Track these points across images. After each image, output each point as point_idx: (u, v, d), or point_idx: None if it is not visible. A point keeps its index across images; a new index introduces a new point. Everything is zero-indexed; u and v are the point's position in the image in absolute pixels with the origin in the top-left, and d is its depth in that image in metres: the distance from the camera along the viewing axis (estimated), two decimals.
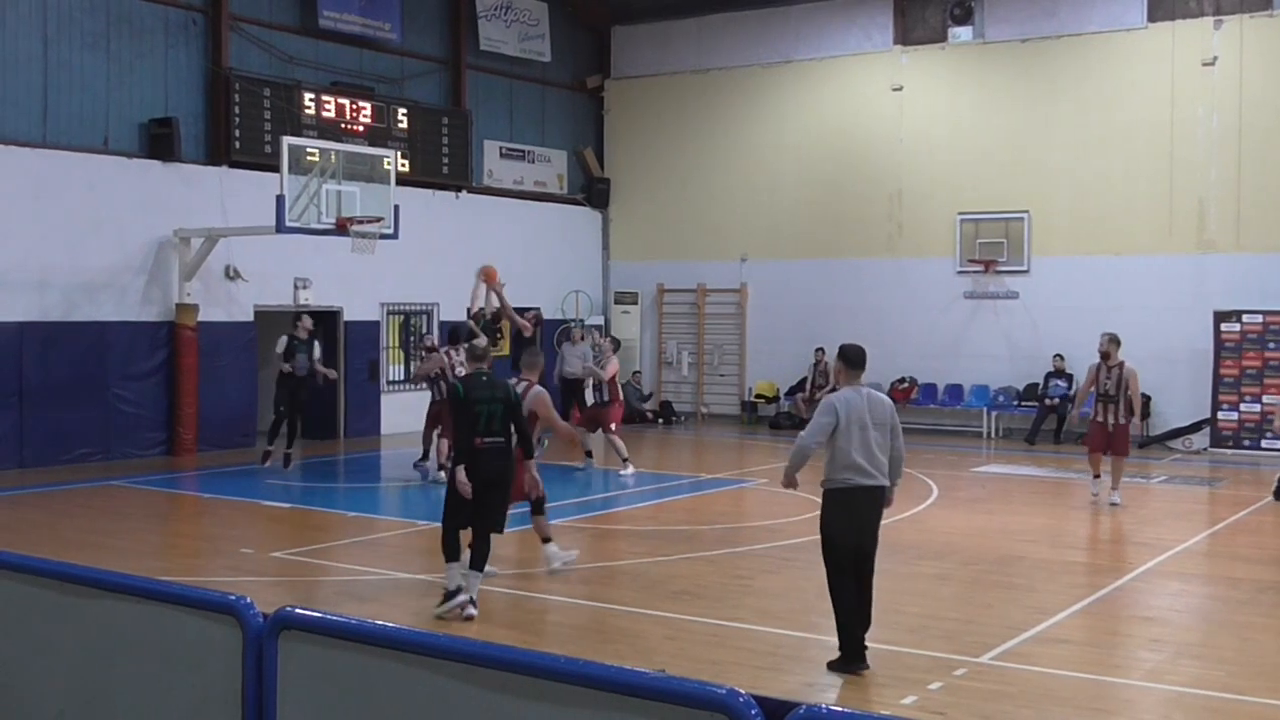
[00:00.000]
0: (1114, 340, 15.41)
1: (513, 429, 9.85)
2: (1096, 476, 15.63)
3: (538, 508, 11.14)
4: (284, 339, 17.57)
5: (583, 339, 20.23)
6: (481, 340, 10.41)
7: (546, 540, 11.25)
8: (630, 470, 17.59)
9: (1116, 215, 22.47)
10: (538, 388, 11.01)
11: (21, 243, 17.84)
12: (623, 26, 27.70)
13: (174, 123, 19.54)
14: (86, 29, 18.82)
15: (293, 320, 18.08)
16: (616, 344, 19.43)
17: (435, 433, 17.25)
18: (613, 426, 17.95)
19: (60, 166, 18.32)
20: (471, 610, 9.52)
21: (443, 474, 16.68)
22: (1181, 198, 21.94)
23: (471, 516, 9.71)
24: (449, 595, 9.54)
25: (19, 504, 14.98)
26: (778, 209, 25.78)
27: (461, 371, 16.80)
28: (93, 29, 18.90)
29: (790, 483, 8.88)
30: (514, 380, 11.06)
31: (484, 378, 9.89)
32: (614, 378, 18.27)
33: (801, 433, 8.66)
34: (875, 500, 8.50)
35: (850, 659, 8.29)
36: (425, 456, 17.42)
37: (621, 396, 18.71)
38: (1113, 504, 15.14)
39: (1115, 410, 15.17)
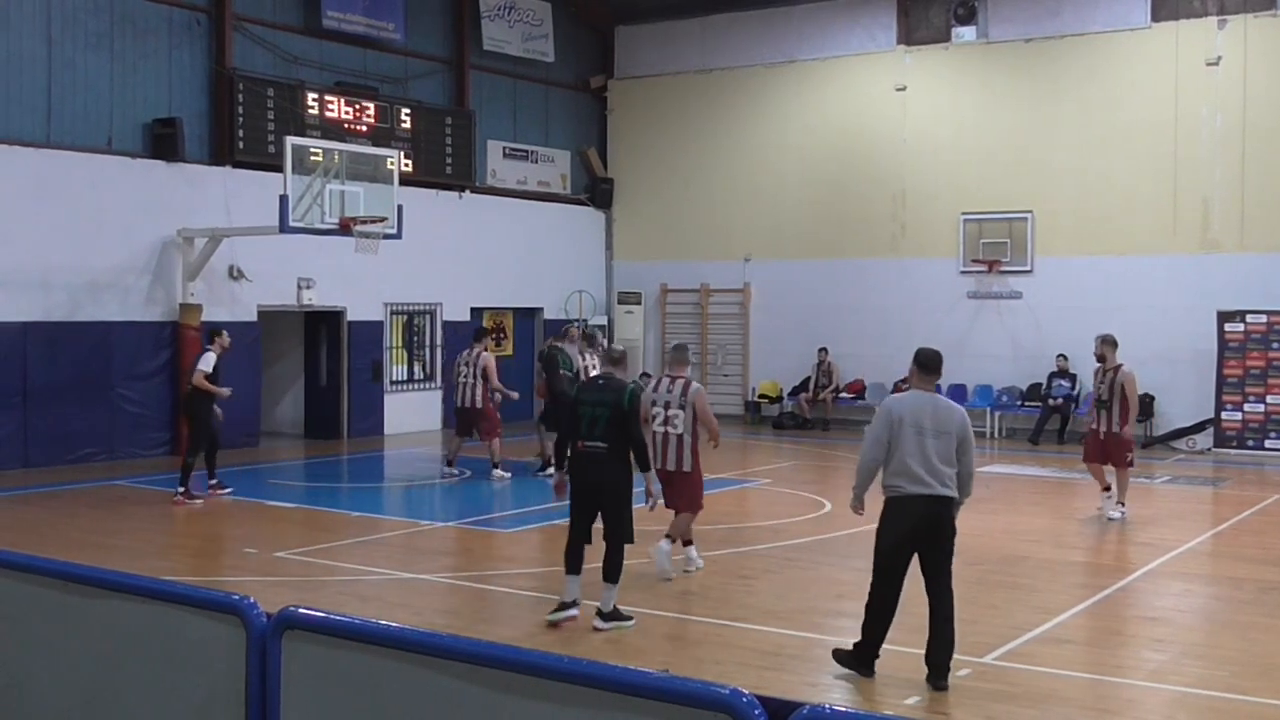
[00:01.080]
0: (1107, 342, 14.57)
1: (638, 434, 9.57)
2: (1105, 490, 14.50)
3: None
4: (212, 356, 15.23)
5: (581, 337, 20.16)
6: (619, 345, 10.38)
7: (688, 543, 11.30)
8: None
9: (1120, 215, 22.46)
10: (696, 384, 11.13)
11: (25, 243, 17.86)
12: (626, 26, 27.70)
13: (177, 123, 19.56)
14: (90, 29, 18.84)
15: (209, 335, 15.88)
16: (590, 339, 19.02)
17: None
18: None
19: (64, 166, 18.33)
20: (599, 623, 9.30)
21: (454, 470, 16.98)
22: (1185, 198, 21.92)
23: (587, 524, 9.51)
24: (563, 605, 9.41)
25: (23, 504, 14.99)
26: (781, 209, 25.78)
27: (465, 371, 17.18)
28: (96, 29, 18.92)
29: (858, 506, 8.36)
30: (666, 378, 11.19)
31: (600, 381, 9.76)
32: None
33: (861, 449, 8.22)
34: (933, 511, 7.90)
35: (859, 659, 8.10)
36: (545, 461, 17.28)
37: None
38: (1109, 518, 14.21)
39: (1109, 417, 14.34)
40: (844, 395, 24.89)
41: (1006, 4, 23.61)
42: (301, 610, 4.10)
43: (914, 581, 11.16)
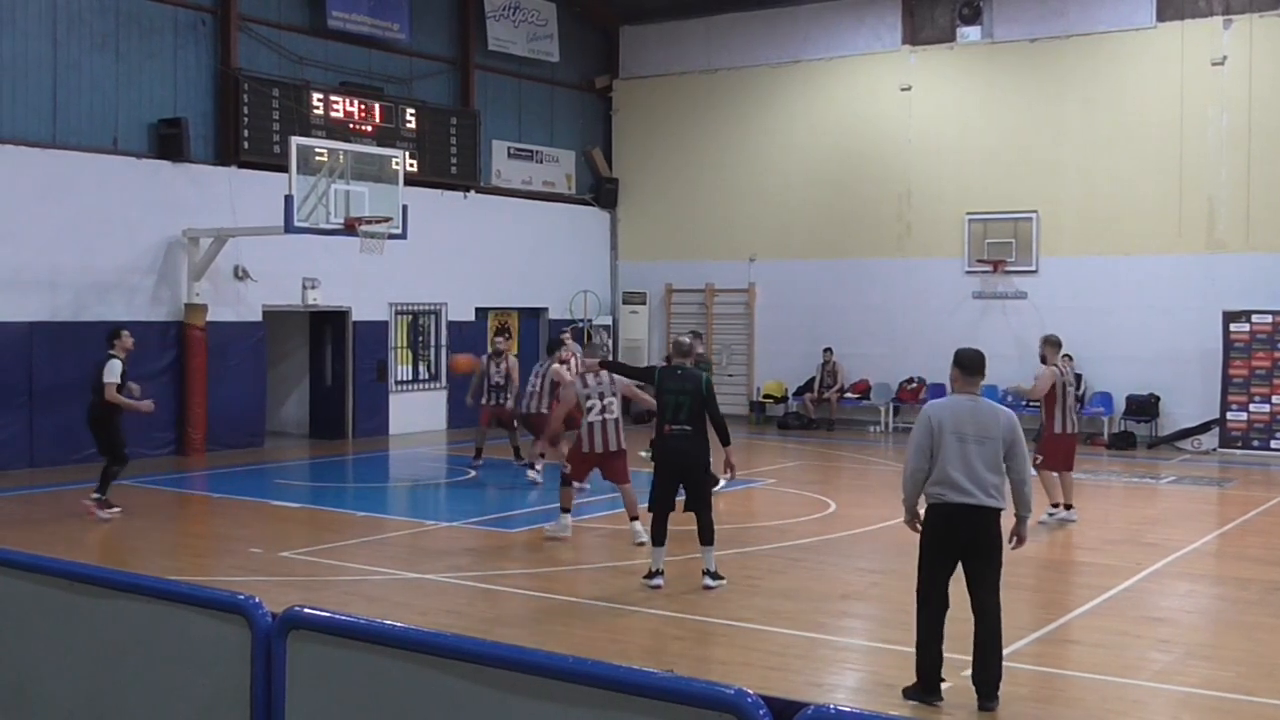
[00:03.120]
0: (1049, 342, 14.39)
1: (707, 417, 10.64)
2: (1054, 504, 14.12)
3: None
4: (117, 363, 13.88)
5: (574, 339, 20.17)
6: (686, 337, 11.57)
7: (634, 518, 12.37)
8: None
9: (1125, 215, 22.44)
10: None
11: (31, 243, 17.89)
12: (631, 26, 27.70)
13: (183, 123, 19.58)
14: (96, 29, 18.86)
15: (109, 338, 14.27)
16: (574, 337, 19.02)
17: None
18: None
19: (70, 167, 18.36)
20: (709, 582, 10.48)
21: (473, 472, 16.95)
22: (1191, 198, 21.90)
23: (674, 498, 10.67)
24: (654, 573, 10.57)
25: (29, 503, 15.01)
26: (786, 209, 25.77)
27: (534, 382, 17.01)
28: (102, 29, 18.94)
29: (913, 521, 7.93)
30: (590, 374, 12.48)
31: (679, 371, 10.73)
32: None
33: (905, 459, 7.87)
34: (980, 523, 7.61)
35: (925, 688, 7.66)
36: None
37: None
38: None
39: (1041, 418, 14.23)
40: (849, 395, 24.87)
41: (1012, 4, 23.58)
42: (307, 610, 4.10)
43: (908, 580, 11.16)
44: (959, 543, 7.65)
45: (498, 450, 18.24)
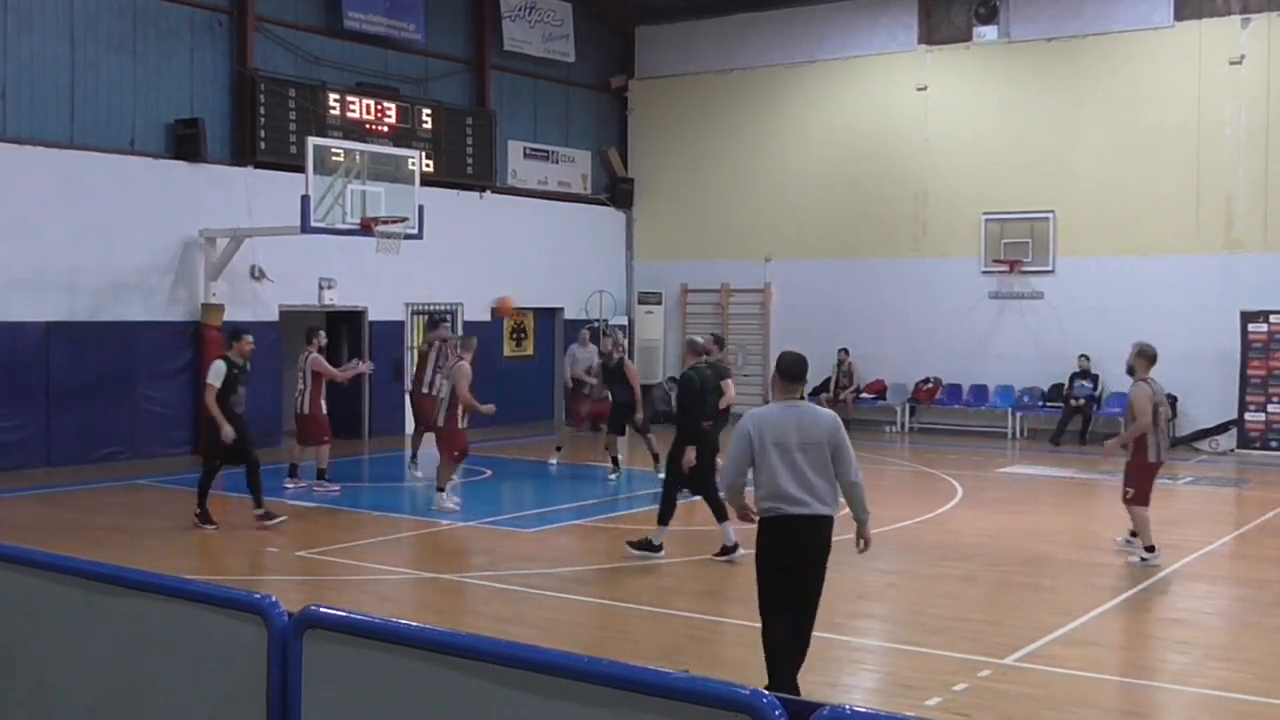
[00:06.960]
0: (1140, 353, 12.03)
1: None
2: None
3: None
4: (221, 364, 13.45)
5: (591, 340, 20.16)
6: (699, 337, 12.68)
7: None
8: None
9: (1143, 215, 22.36)
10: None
11: (49, 243, 17.95)
12: (647, 26, 27.70)
13: (200, 123, 19.64)
14: (113, 30, 18.93)
15: (228, 339, 14.25)
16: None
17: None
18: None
19: (87, 167, 18.42)
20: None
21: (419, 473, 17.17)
22: (1208, 197, 21.81)
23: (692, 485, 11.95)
24: (656, 547, 11.72)
25: (46, 503, 15.07)
26: (802, 209, 25.74)
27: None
28: (119, 30, 19.01)
29: (744, 514, 7.82)
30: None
31: (709, 371, 11.94)
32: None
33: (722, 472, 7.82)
34: (811, 532, 7.36)
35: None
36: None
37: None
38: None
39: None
40: (864, 396, 24.83)
41: (1028, 3, 23.52)
42: (323, 609, 4.11)
43: (932, 581, 11.15)
44: (797, 555, 7.37)
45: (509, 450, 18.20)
